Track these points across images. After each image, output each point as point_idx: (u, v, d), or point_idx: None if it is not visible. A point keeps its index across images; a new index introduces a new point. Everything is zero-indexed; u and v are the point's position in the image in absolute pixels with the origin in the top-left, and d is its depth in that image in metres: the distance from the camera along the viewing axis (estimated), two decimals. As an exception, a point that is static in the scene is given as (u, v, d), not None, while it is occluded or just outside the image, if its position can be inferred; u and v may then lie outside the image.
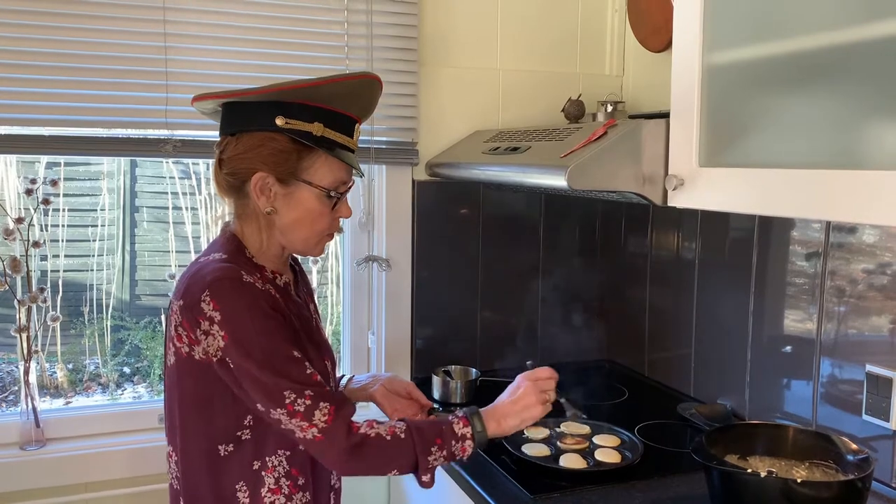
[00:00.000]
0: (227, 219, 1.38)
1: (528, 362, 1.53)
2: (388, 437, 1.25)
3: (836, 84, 1.13)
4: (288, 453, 1.31)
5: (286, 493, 1.31)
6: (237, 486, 1.29)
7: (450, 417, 1.32)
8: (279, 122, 1.26)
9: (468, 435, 1.30)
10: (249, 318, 1.20)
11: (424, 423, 1.31)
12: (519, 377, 1.41)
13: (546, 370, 1.42)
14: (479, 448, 1.32)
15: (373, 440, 1.24)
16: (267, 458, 1.30)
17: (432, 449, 1.27)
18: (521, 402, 1.36)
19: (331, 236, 1.38)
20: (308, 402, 1.21)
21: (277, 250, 1.35)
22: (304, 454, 1.33)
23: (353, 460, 1.23)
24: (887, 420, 1.46)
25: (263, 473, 1.29)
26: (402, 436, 1.26)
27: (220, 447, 1.28)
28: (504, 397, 1.39)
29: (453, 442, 1.29)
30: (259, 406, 1.22)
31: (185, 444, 1.30)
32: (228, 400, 1.25)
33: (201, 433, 1.28)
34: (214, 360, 1.22)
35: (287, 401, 1.20)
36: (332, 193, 1.32)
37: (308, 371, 1.23)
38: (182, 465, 1.31)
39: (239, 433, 1.28)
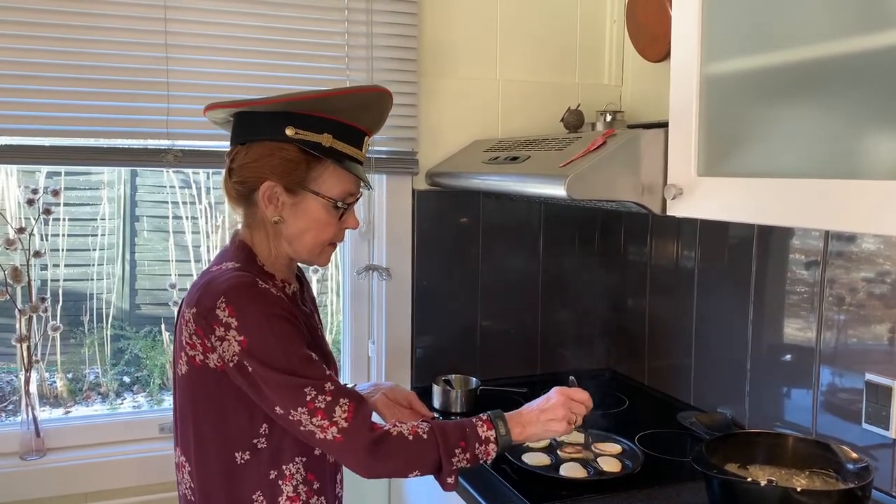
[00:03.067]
0: (236, 227, 1.39)
1: (570, 377, 1.50)
2: (411, 437, 1.25)
3: (834, 94, 1.14)
4: (304, 459, 1.32)
5: (304, 499, 1.32)
6: (254, 497, 1.29)
7: (473, 419, 1.32)
8: (289, 132, 1.27)
9: (492, 438, 1.30)
10: (267, 322, 1.21)
11: (448, 424, 1.30)
12: (554, 389, 1.41)
13: (583, 394, 1.41)
14: (503, 451, 1.32)
15: (394, 438, 1.24)
16: (284, 467, 1.30)
17: (456, 451, 1.26)
18: (549, 414, 1.36)
19: (334, 246, 1.39)
20: (329, 398, 1.21)
21: (285, 259, 1.36)
22: (320, 459, 1.34)
23: (375, 458, 1.22)
24: (887, 428, 1.46)
25: (281, 483, 1.30)
26: (425, 436, 1.26)
27: (236, 454, 1.28)
28: (533, 404, 1.39)
29: (477, 445, 1.28)
30: (278, 409, 1.21)
31: (200, 454, 1.30)
32: (243, 407, 1.26)
33: (218, 441, 1.28)
34: (231, 365, 1.22)
35: (308, 398, 1.20)
36: (340, 204, 1.33)
37: (326, 371, 1.25)
38: (198, 475, 1.31)
39: (255, 441, 1.28)
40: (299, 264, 1.45)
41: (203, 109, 1.36)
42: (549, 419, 1.35)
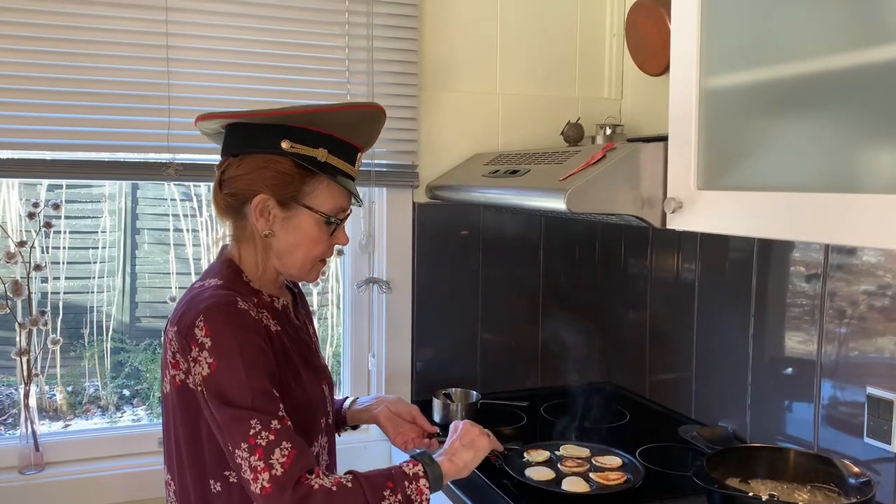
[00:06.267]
0: (225, 241, 1.38)
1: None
2: (334, 488, 1.17)
3: (832, 108, 1.14)
4: None
5: None
6: None
7: (398, 463, 1.28)
8: (284, 145, 1.27)
9: (420, 473, 1.24)
10: (238, 348, 1.19)
11: (372, 471, 1.25)
12: (452, 424, 1.43)
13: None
14: (437, 488, 1.27)
15: (317, 492, 1.16)
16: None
17: (385, 493, 1.20)
18: (466, 437, 1.37)
19: (324, 262, 1.38)
20: (272, 436, 1.15)
21: (273, 274, 1.35)
22: None
23: None
24: (889, 443, 1.46)
25: None
26: (349, 485, 1.19)
27: (210, 482, 1.25)
28: (447, 441, 1.39)
29: (406, 483, 1.22)
30: (229, 445, 1.17)
31: (181, 474, 1.28)
32: (213, 435, 1.22)
33: (195, 465, 1.26)
34: (198, 389, 1.20)
35: (252, 431, 1.15)
36: (332, 220, 1.32)
37: (280, 412, 1.19)
38: (180, 496, 1.30)
39: (226, 473, 1.25)
40: None
41: (195, 119, 1.35)
42: (470, 440, 1.36)
